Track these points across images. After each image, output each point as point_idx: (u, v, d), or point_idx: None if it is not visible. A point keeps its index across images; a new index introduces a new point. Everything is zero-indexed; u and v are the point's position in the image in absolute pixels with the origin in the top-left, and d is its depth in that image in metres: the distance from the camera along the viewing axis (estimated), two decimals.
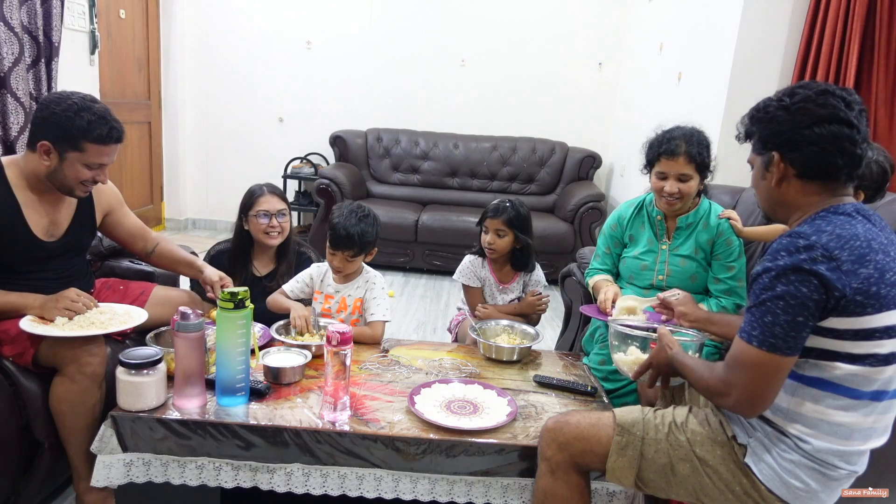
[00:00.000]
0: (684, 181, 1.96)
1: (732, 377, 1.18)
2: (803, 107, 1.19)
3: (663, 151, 1.96)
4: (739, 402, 1.18)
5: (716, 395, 1.23)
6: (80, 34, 3.50)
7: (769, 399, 1.17)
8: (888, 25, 2.64)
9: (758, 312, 1.14)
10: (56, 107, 1.63)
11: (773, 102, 1.25)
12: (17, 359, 1.64)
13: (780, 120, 1.21)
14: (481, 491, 1.52)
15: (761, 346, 1.13)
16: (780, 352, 1.12)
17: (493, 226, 2.26)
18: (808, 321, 1.11)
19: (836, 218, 1.16)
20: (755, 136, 1.29)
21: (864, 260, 1.11)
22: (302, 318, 1.95)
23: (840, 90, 1.20)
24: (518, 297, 2.39)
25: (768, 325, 1.12)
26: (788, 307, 1.10)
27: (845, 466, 1.19)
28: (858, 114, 1.18)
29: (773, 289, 1.12)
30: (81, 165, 1.68)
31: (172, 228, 5.41)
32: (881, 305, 1.11)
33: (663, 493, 1.36)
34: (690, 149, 1.93)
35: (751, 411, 1.20)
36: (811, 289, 1.09)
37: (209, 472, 1.52)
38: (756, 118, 1.28)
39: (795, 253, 1.11)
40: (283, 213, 2.22)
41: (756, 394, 1.16)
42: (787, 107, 1.21)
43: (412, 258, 4.61)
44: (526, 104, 5.22)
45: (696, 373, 1.29)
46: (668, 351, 1.41)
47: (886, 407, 1.19)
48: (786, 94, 1.23)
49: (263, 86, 5.24)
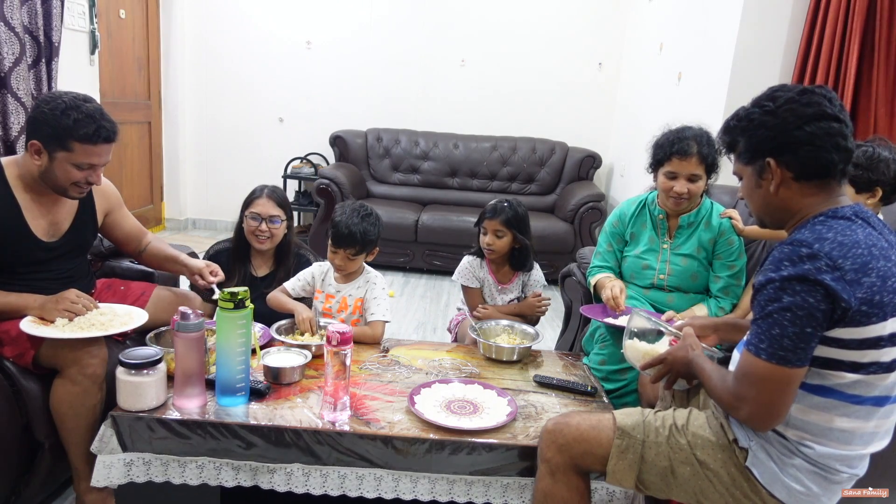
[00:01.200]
0: (694, 181, 1.96)
1: (742, 391, 1.16)
2: (790, 108, 1.18)
3: (675, 151, 1.95)
4: (752, 415, 1.16)
5: (728, 409, 1.22)
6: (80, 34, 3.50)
7: (783, 412, 1.15)
8: (888, 25, 2.64)
9: (764, 325, 1.12)
10: (45, 106, 1.63)
11: (755, 110, 1.23)
12: (17, 359, 1.64)
13: (769, 125, 1.20)
14: (481, 491, 1.52)
15: (770, 359, 1.11)
16: (790, 364, 1.10)
17: (492, 227, 2.25)
18: (816, 332, 1.09)
19: (835, 223, 1.15)
20: (740, 147, 1.27)
21: (867, 268, 1.10)
22: (307, 320, 1.95)
23: (818, 88, 1.20)
24: (517, 297, 2.39)
25: (776, 337, 1.10)
26: (796, 318, 1.09)
27: (846, 470, 1.19)
28: (841, 108, 1.18)
29: (780, 300, 1.10)
30: (70, 165, 1.66)
31: (172, 228, 5.41)
32: (885, 314, 1.10)
33: (664, 494, 1.36)
34: (702, 149, 1.93)
35: (764, 425, 1.18)
36: (818, 299, 1.08)
37: (209, 471, 1.52)
38: (738, 128, 1.26)
39: (799, 262, 1.10)
40: (275, 220, 2.19)
41: (769, 407, 1.14)
42: (773, 111, 1.20)
43: (412, 258, 4.61)
44: (526, 104, 5.22)
45: (712, 381, 1.27)
46: (690, 351, 1.38)
47: (888, 412, 1.18)
48: (767, 100, 1.22)
49: (263, 86, 5.24)
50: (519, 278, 2.38)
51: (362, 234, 2.00)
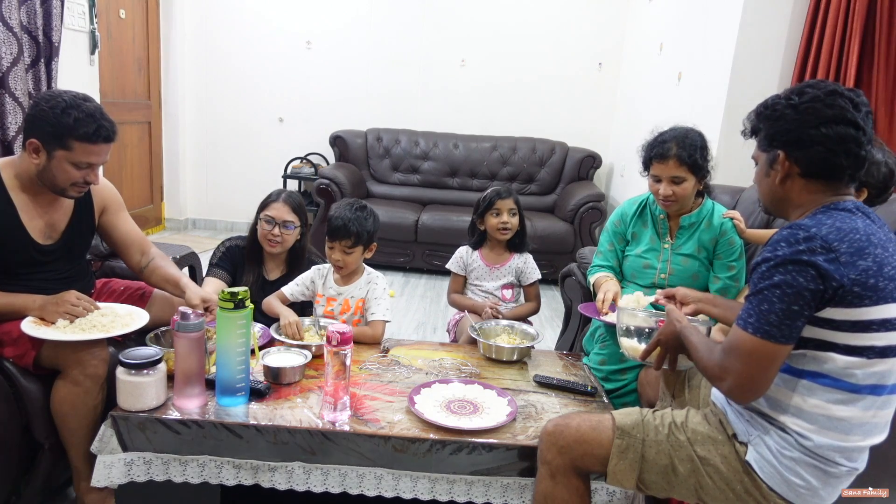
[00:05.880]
0: (678, 183, 1.96)
1: (728, 363, 1.19)
2: (811, 106, 1.19)
3: (654, 154, 1.97)
4: (733, 388, 1.19)
5: (713, 379, 1.25)
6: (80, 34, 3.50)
7: (763, 387, 1.18)
8: (888, 25, 2.64)
9: (755, 301, 1.16)
10: (45, 104, 1.62)
11: (781, 101, 1.25)
12: (17, 360, 1.63)
13: (788, 118, 1.22)
14: (481, 490, 1.52)
15: (756, 333, 1.14)
16: (774, 339, 1.13)
17: (506, 206, 2.35)
18: (803, 310, 1.12)
19: (836, 213, 1.17)
20: (761, 133, 1.29)
21: (863, 252, 1.12)
22: (292, 324, 1.94)
23: (849, 91, 1.20)
24: (510, 282, 2.44)
25: (764, 312, 1.13)
26: (784, 296, 1.11)
27: (846, 463, 1.20)
28: (865, 115, 1.19)
29: (771, 278, 1.13)
30: (69, 164, 1.65)
31: (172, 228, 5.41)
32: (879, 298, 1.12)
33: (664, 493, 1.36)
34: (681, 151, 1.92)
35: (744, 398, 1.21)
36: (808, 279, 1.10)
37: (211, 469, 1.52)
38: (763, 115, 1.28)
39: (795, 244, 1.12)
40: (289, 225, 2.19)
41: (750, 380, 1.17)
42: (796, 106, 1.21)
43: (412, 258, 4.61)
44: (526, 104, 5.22)
45: (699, 352, 1.29)
46: (677, 325, 1.41)
47: (885, 402, 1.19)
48: (795, 93, 1.24)
49: (263, 85, 5.24)
50: (512, 263, 2.42)
51: (356, 224, 2.00)
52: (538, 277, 2.45)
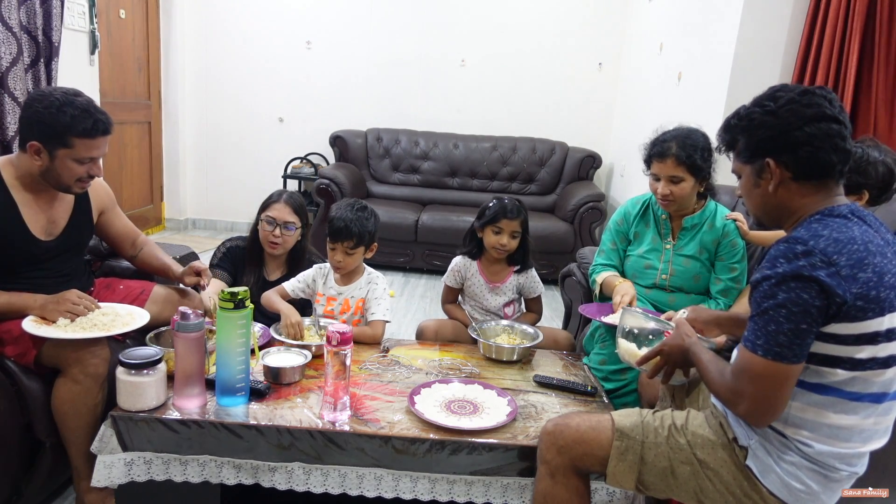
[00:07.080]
0: (676, 182, 1.96)
1: (740, 387, 1.17)
2: (790, 108, 1.19)
3: (654, 153, 1.97)
4: (749, 411, 1.17)
5: (727, 403, 1.22)
6: (80, 34, 3.49)
7: (779, 408, 1.16)
8: (888, 25, 2.64)
9: (761, 321, 1.13)
10: (39, 105, 1.63)
11: (756, 109, 1.24)
12: (19, 359, 1.64)
13: (769, 125, 1.21)
14: (481, 490, 1.52)
15: (766, 355, 1.12)
16: (786, 360, 1.11)
17: (510, 227, 2.17)
18: (811, 328, 1.10)
19: (832, 221, 1.16)
20: (740, 145, 1.28)
21: (863, 264, 1.10)
22: (295, 325, 1.94)
23: (819, 89, 1.20)
24: (512, 299, 2.32)
25: (772, 333, 1.11)
26: (791, 315, 1.09)
27: (846, 468, 1.19)
28: (840, 110, 1.19)
29: (775, 297, 1.11)
30: (72, 161, 1.67)
31: (172, 228, 5.41)
32: (881, 309, 1.10)
33: (664, 494, 1.36)
34: (680, 151, 1.92)
35: (761, 420, 1.19)
36: (812, 295, 1.08)
37: (211, 469, 1.53)
38: (739, 127, 1.27)
39: (794, 259, 1.10)
40: (290, 226, 2.20)
41: (766, 403, 1.14)
42: (774, 111, 1.20)
43: (412, 258, 4.61)
44: (526, 104, 5.22)
45: (710, 373, 1.27)
46: (686, 340, 1.38)
47: (887, 409, 1.19)
48: (768, 100, 1.23)
49: (263, 86, 5.24)
50: (513, 279, 2.30)
51: (358, 224, 2.00)
52: (541, 292, 2.34)
